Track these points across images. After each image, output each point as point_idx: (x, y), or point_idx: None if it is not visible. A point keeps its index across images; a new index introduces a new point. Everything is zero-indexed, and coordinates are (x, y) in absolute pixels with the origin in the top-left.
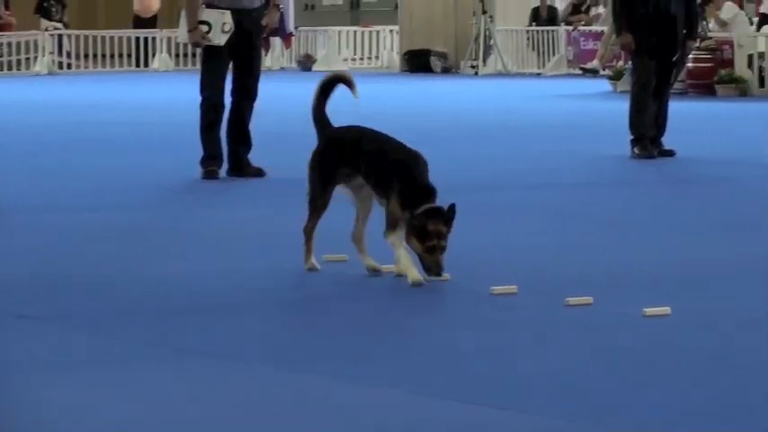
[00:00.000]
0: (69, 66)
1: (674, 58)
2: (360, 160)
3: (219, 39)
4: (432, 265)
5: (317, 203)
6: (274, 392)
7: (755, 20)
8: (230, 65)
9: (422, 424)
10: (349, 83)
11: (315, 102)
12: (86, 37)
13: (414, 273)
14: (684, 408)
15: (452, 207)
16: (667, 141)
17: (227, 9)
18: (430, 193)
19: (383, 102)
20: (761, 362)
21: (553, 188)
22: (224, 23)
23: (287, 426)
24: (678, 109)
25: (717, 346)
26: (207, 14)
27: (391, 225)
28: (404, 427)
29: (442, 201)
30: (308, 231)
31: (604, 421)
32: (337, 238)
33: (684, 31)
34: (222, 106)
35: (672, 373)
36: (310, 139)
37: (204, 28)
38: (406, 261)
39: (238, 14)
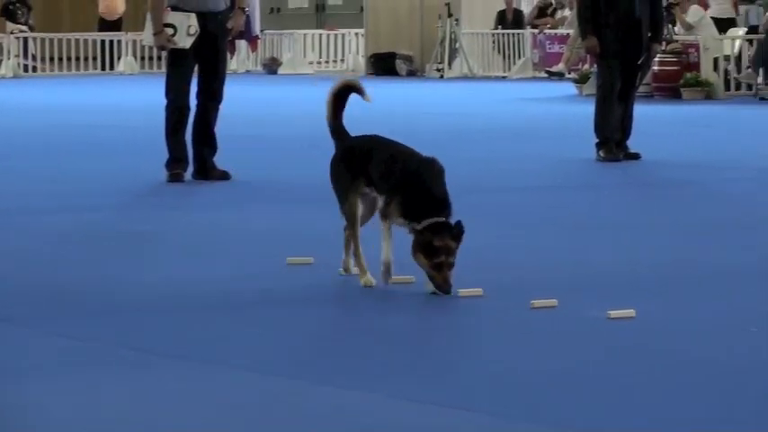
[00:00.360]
0: (35, 69)
1: (639, 62)
2: (371, 171)
3: (185, 42)
4: (441, 284)
5: (346, 212)
6: (247, 395)
7: None
8: (195, 68)
9: (394, 427)
10: (359, 90)
11: (330, 113)
12: (51, 40)
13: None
14: (648, 411)
15: (459, 223)
16: (633, 144)
17: (192, 12)
18: (439, 204)
19: (349, 105)
20: (725, 365)
21: (518, 191)
22: (189, 26)
23: (260, 429)
24: (644, 112)
25: (681, 350)
26: (172, 17)
27: (382, 216)
28: (377, 429)
29: None
30: (347, 238)
31: (569, 423)
32: (306, 241)
33: (649, 35)
34: (187, 109)
35: (636, 376)
36: (276, 142)
37: (169, 31)
38: (385, 252)
39: (204, 17)
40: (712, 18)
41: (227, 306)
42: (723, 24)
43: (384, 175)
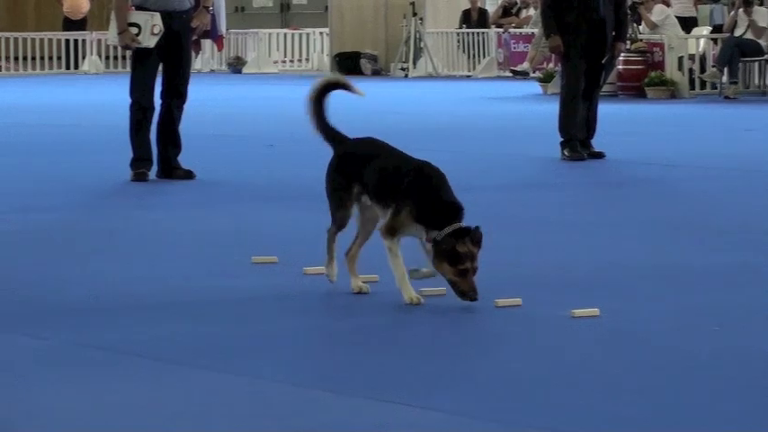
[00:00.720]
0: None
1: (603, 61)
2: (366, 178)
3: (149, 41)
4: (467, 290)
5: (336, 217)
6: (210, 394)
7: None
8: (160, 67)
9: (349, 424)
10: (344, 85)
11: (312, 116)
12: (16, 39)
13: (409, 291)
14: (610, 409)
15: (477, 228)
16: (597, 143)
17: (156, 11)
18: (455, 209)
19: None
20: (687, 363)
21: (483, 190)
22: (153, 25)
23: (223, 427)
24: (608, 111)
25: (644, 348)
26: (136, 16)
27: (390, 230)
28: (331, 426)
29: None
30: (328, 241)
31: (533, 421)
32: (271, 240)
33: (614, 34)
34: (152, 108)
35: (599, 374)
36: (240, 141)
37: (134, 30)
38: (400, 275)
39: (168, 16)
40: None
41: (192, 305)
42: (685, 23)
43: (386, 185)
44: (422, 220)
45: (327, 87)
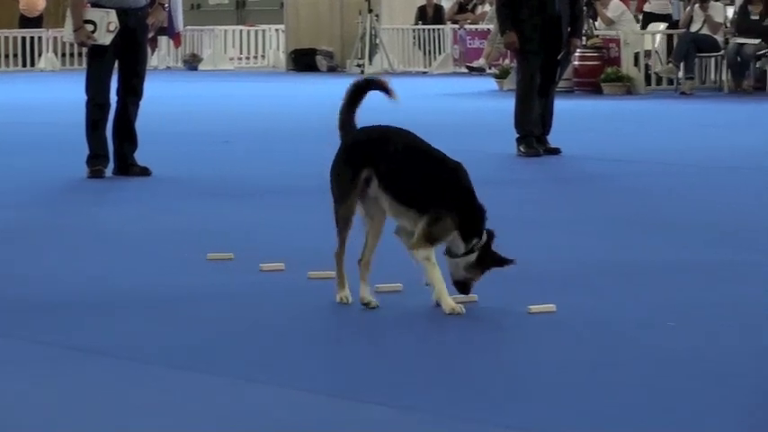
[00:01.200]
0: None
1: (558, 57)
2: (383, 165)
3: (105, 38)
4: (470, 285)
5: (339, 217)
6: (163, 392)
7: (639, 17)
8: (116, 64)
9: (319, 423)
10: (384, 88)
11: (343, 110)
12: None
13: (450, 301)
14: (566, 406)
15: (490, 230)
16: (553, 139)
17: (112, 8)
18: (484, 214)
19: (270, 101)
20: (644, 359)
21: None
22: (109, 23)
23: (177, 426)
24: (564, 107)
25: (601, 344)
26: (92, 14)
27: (427, 241)
28: (300, 425)
29: (303, 202)
30: (337, 256)
31: (491, 419)
32: (227, 237)
33: (569, 30)
34: (108, 105)
35: (556, 371)
36: (196, 138)
37: (89, 27)
38: (441, 287)
39: (124, 14)
40: (651, 14)
41: (147, 301)
42: (661, 20)
43: (420, 187)
44: (461, 228)
45: (367, 87)
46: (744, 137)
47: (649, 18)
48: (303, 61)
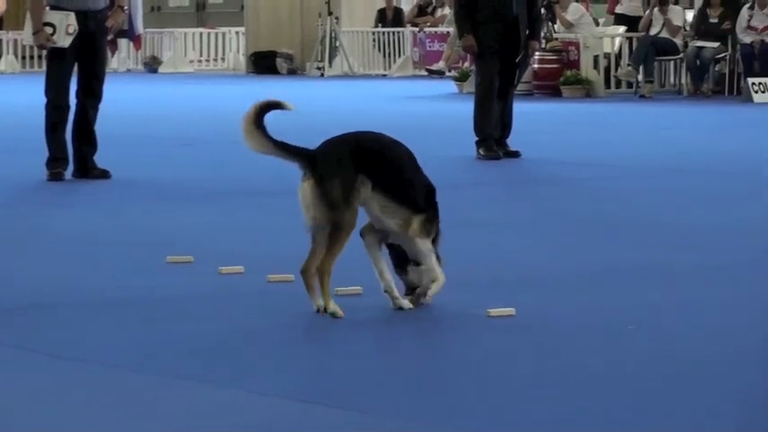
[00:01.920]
0: None
1: (517, 60)
2: (372, 168)
3: (64, 41)
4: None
5: (347, 223)
6: (123, 395)
7: (602, 20)
8: (75, 66)
9: (276, 425)
10: (276, 105)
11: (259, 143)
12: None
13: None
14: (522, 409)
15: None
16: (513, 142)
17: (71, 11)
18: None
19: (230, 103)
20: (603, 363)
21: None
22: (68, 25)
23: (139, 428)
24: (524, 110)
25: (561, 347)
26: (51, 16)
27: (429, 233)
28: (256, 427)
29: (262, 205)
30: (330, 268)
31: (447, 421)
32: (186, 239)
33: (527, 32)
34: (67, 108)
35: (513, 373)
36: (155, 141)
37: (49, 30)
38: (444, 280)
39: (83, 16)
40: (622, 15)
41: (105, 304)
42: (633, 22)
43: (415, 186)
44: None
45: (261, 112)
46: (703, 140)
47: (621, 20)
48: (263, 64)
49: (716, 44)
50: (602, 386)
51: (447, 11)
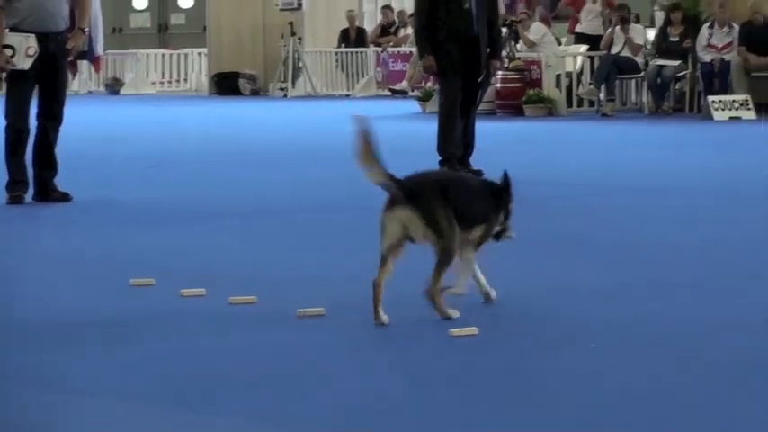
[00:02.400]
0: None
1: (479, 79)
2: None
3: (24, 63)
4: None
5: (454, 251)
6: (83, 418)
7: (564, 39)
8: (36, 89)
9: None
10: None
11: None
12: None
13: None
14: (489, 426)
15: None
16: (475, 161)
17: (31, 33)
18: None
19: (193, 125)
20: (568, 380)
21: (360, 210)
22: (29, 47)
23: None
24: (486, 129)
25: (524, 366)
26: (11, 38)
27: (478, 245)
28: None
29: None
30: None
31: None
32: (148, 262)
33: (488, 51)
34: (27, 131)
35: (479, 392)
36: (116, 163)
37: (8, 52)
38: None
39: (44, 38)
40: (582, 35)
41: (65, 327)
42: (594, 41)
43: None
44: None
45: (370, 142)
46: (664, 158)
47: (581, 39)
48: (226, 85)
49: (676, 62)
50: (568, 402)
51: (410, 30)
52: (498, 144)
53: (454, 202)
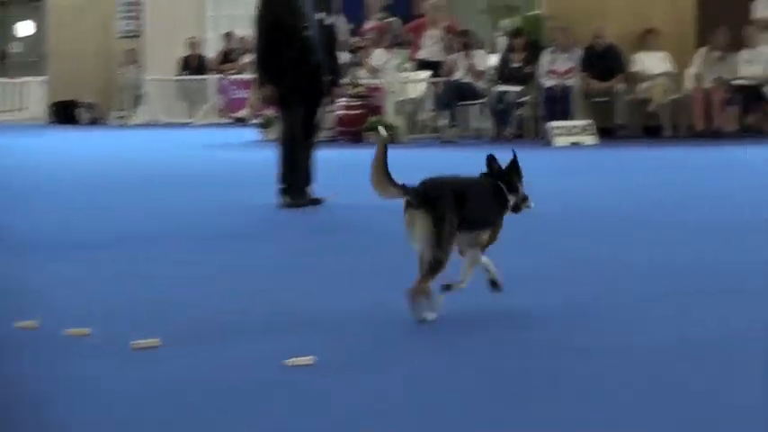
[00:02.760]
0: None
1: (319, 106)
2: (458, 208)
3: None
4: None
5: (445, 261)
6: None
7: (407, 65)
8: None
9: None
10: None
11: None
12: None
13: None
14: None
15: None
16: (316, 189)
17: None
18: None
19: (29, 154)
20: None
21: (201, 239)
22: None
23: None
24: (327, 157)
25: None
26: None
27: (485, 247)
28: None
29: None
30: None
31: None
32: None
33: (329, 78)
34: None
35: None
36: None
37: None
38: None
39: None
40: (424, 61)
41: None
42: (435, 67)
43: (484, 212)
44: None
45: (385, 160)
46: None
47: (423, 65)
48: (64, 113)
49: (519, 88)
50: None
51: (251, 57)
52: (339, 171)
53: (467, 207)
